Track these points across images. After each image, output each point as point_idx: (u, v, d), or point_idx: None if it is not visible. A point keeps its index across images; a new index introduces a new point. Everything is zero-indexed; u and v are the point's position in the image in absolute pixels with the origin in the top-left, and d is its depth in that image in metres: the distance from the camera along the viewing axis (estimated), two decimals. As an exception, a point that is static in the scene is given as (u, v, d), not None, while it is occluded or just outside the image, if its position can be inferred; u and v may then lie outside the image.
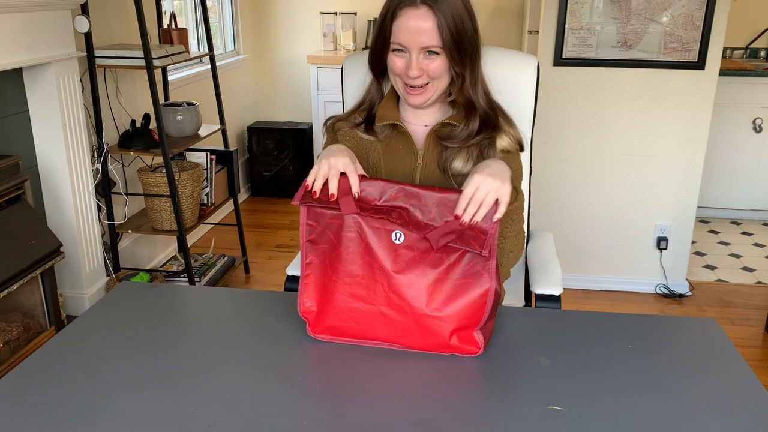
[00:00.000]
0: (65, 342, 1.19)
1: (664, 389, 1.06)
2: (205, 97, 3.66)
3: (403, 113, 1.42)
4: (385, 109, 1.40)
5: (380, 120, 1.39)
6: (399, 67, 1.31)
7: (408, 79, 1.30)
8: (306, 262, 1.19)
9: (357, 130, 1.43)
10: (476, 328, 1.13)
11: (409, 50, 1.28)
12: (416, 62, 1.28)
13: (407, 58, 1.29)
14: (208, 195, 3.09)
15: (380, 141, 1.41)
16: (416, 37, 1.26)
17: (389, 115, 1.39)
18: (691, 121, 2.91)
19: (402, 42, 1.28)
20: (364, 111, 1.44)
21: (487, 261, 1.11)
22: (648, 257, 3.13)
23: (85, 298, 2.68)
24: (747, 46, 4.33)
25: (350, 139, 1.43)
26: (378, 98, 1.43)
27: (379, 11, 1.33)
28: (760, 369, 2.58)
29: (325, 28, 4.54)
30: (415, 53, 1.27)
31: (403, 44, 1.28)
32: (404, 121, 1.41)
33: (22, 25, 2.23)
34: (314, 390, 1.06)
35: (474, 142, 1.35)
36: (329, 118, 1.49)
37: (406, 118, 1.42)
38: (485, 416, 1.00)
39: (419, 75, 1.29)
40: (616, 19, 2.79)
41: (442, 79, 1.32)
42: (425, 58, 1.28)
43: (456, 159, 1.35)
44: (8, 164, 2.23)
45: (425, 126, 1.41)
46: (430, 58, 1.28)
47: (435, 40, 1.26)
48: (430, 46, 1.27)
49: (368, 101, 1.44)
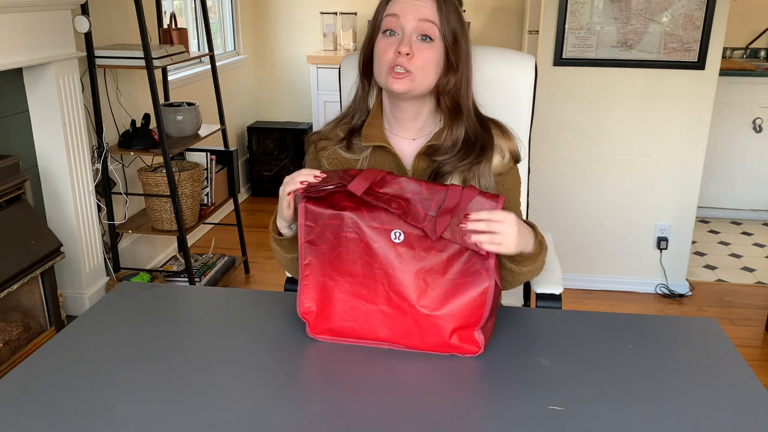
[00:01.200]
0: (65, 342, 1.19)
1: (664, 389, 1.06)
2: (205, 97, 3.66)
3: (389, 127, 1.34)
4: (370, 128, 1.33)
5: (366, 140, 1.31)
6: (388, 50, 1.22)
7: (396, 57, 1.21)
8: (305, 263, 1.19)
9: (339, 148, 1.36)
10: (477, 328, 1.13)
11: (402, 26, 1.22)
12: (408, 38, 1.22)
13: (398, 39, 1.22)
14: (208, 195, 3.09)
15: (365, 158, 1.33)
16: (416, 6, 1.21)
17: (376, 136, 1.32)
18: (691, 121, 2.91)
19: (397, 11, 1.22)
20: (346, 125, 1.37)
21: (486, 260, 1.11)
22: (648, 257, 3.13)
23: (85, 298, 2.68)
24: (747, 46, 4.33)
25: (333, 161, 1.36)
26: (363, 110, 1.36)
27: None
28: (760, 369, 2.58)
29: (325, 28, 4.54)
30: (410, 28, 1.22)
31: (398, 13, 1.22)
32: (391, 135, 1.34)
33: (22, 25, 2.23)
34: (314, 390, 1.06)
35: (467, 162, 1.27)
36: (313, 133, 1.42)
37: (392, 131, 1.34)
38: (485, 416, 1.00)
39: (409, 53, 1.20)
40: (616, 19, 2.79)
41: (428, 74, 1.23)
42: (419, 41, 1.22)
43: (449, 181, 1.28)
44: (8, 164, 2.23)
45: (412, 140, 1.34)
46: (423, 44, 1.22)
47: (434, 18, 1.21)
48: (427, 20, 1.21)
49: (351, 112, 1.37)
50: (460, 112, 1.29)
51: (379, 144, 1.31)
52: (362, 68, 1.34)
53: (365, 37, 1.31)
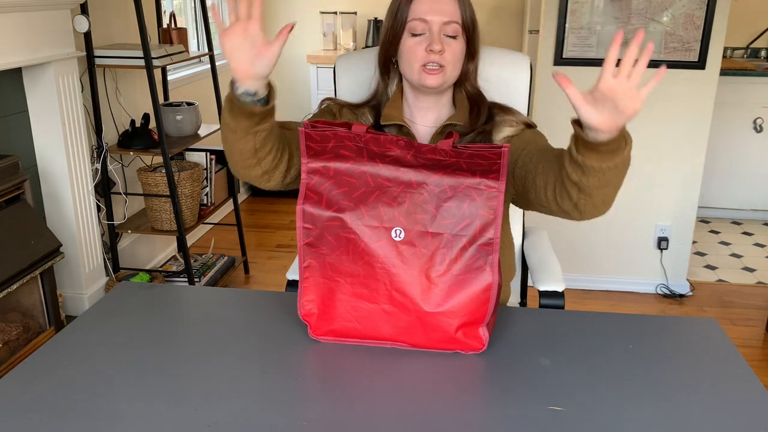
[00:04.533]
0: (65, 342, 1.19)
1: (665, 389, 1.06)
2: (205, 96, 3.66)
3: (408, 114, 1.41)
4: (390, 109, 1.39)
5: (385, 120, 1.38)
6: (418, 48, 1.29)
7: (430, 55, 1.28)
8: (304, 266, 1.18)
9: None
10: (482, 325, 1.13)
11: (430, 27, 1.28)
12: (438, 36, 1.28)
13: (427, 37, 1.29)
14: (207, 195, 3.09)
15: None
16: (441, 8, 1.27)
17: (394, 116, 1.38)
18: (691, 121, 2.90)
19: (424, 15, 1.28)
20: (373, 108, 1.43)
21: (489, 254, 1.10)
22: (648, 257, 3.13)
23: (84, 298, 2.68)
24: (747, 46, 4.33)
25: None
26: (384, 99, 1.42)
27: (378, 11, 1.34)
28: (760, 369, 2.58)
29: (325, 28, 4.54)
30: (437, 28, 1.28)
31: (426, 17, 1.28)
32: (409, 122, 1.40)
33: (22, 25, 2.23)
34: (314, 390, 1.06)
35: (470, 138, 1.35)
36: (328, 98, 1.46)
37: (411, 118, 1.41)
38: (485, 416, 0.99)
39: (442, 50, 1.27)
40: (617, 19, 2.79)
41: (456, 66, 1.32)
42: (445, 39, 1.29)
43: None
44: (8, 164, 2.22)
45: (430, 127, 1.40)
46: (451, 40, 1.29)
47: (457, 17, 1.28)
48: (452, 21, 1.28)
49: (375, 100, 1.43)
50: (478, 95, 1.38)
51: (397, 123, 1.37)
52: (382, 66, 1.40)
53: (385, 36, 1.36)
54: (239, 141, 1.18)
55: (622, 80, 0.98)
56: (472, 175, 1.10)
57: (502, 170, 1.08)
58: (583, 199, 1.15)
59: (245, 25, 1.10)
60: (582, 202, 1.15)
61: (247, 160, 1.22)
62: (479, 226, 1.10)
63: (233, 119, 1.15)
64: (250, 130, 1.16)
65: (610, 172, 1.10)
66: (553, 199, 1.20)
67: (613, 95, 0.98)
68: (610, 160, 1.08)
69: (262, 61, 1.11)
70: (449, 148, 1.08)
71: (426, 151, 1.10)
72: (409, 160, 1.12)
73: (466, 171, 1.10)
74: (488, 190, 1.09)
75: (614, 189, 1.15)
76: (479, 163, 1.08)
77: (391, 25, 1.33)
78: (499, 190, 1.09)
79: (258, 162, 1.22)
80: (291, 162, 1.27)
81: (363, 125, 1.12)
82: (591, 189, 1.12)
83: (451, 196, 1.11)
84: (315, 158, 1.14)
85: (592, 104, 1.01)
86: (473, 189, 1.10)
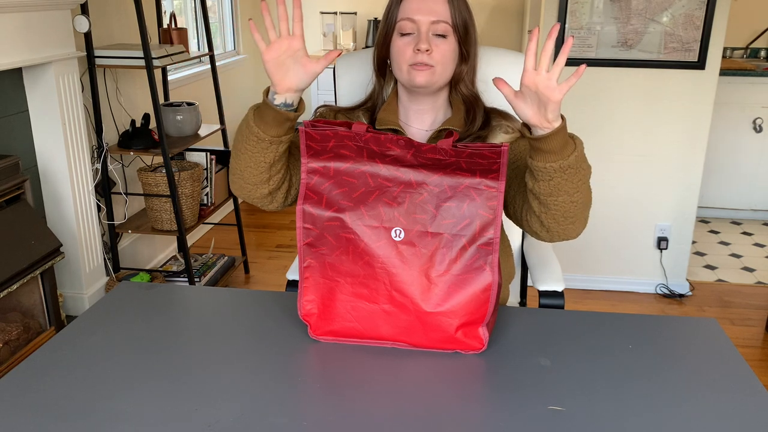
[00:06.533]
0: (65, 342, 1.19)
1: (664, 389, 1.06)
2: (205, 96, 3.66)
3: (404, 117, 1.40)
4: (385, 113, 1.38)
5: (380, 124, 1.37)
6: (406, 48, 1.28)
7: (417, 55, 1.27)
8: (304, 266, 1.18)
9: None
10: (482, 324, 1.13)
11: (418, 26, 1.28)
12: (426, 35, 1.27)
13: (415, 37, 1.28)
14: (207, 195, 3.09)
15: None
16: (429, 7, 1.27)
17: (390, 120, 1.37)
18: (691, 121, 2.90)
19: (413, 15, 1.27)
20: (368, 111, 1.43)
21: (489, 254, 1.11)
22: (648, 257, 3.13)
23: (84, 298, 2.68)
24: (747, 46, 4.33)
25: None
26: (380, 102, 1.42)
27: (378, 11, 1.34)
28: (760, 369, 2.58)
29: (325, 28, 4.54)
30: (425, 28, 1.27)
31: (414, 17, 1.27)
32: (405, 125, 1.40)
33: (22, 25, 2.23)
34: (315, 390, 1.06)
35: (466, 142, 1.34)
36: (322, 106, 1.45)
37: (406, 121, 1.40)
38: (485, 416, 0.99)
39: (428, 49, 1.26)
40: (617, 19, 2.79)
41: (446, 67, 1.30)
42: (434, 38, 1.28)
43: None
44: (8, 164, 2.22)
45: (425, 131, 1.39)
46: (439, 40, 1.28)
47: (447, 16, 1.27)
48: (441, 20, 1.27)
49: (371, 102, 1.43)
50: (475, 98, 1.37)
51: (392, 127, 1.36)
52: (377, 67, 1.40)
53: (378, 38, 1.36)
54: (261, 152, 1.21)
55: (542, 74, 1.05)
56: (471, 174, 1.10)
57: (502, 170, 1.09)
58: (545, 212, 1.18)
59: (289, 43, 1.16)
60: (544, 216, 1.18)
61: (261, 175, 1.24)
62: (479, 226, 1.11)
63: (263, 128, 1.19)
64: (276, 140, 1.20)
65: (557, 176, 1.11)
66: (522, 216, 1.25)
67: (536, 88, 1.06)
68: (554, 161, 1.10)
69: (305, 76, 1.18)
70: (449, 147, 1.08)
71: (426, 150, 1.10)
72: (409, 159, 1.12)
73: (466, 171, 1.10)
74: (488, 190, 1.10)
75: (571, 201, 1.15)
76: (479, 162, 1.08)
77: (383, 26, 1.33)
78: (498, 190, 1.09)
79: (269, 179, 1.25)
80: (292, 182, 1.31)
81: (363, 124, 1.12)
82: (545, 197, 1.15)
83: (451, 196, 1.11)
84: (315, 158, 1.15)
85: (522, 99, 1.08)
86: (473, 189, 1.10)
